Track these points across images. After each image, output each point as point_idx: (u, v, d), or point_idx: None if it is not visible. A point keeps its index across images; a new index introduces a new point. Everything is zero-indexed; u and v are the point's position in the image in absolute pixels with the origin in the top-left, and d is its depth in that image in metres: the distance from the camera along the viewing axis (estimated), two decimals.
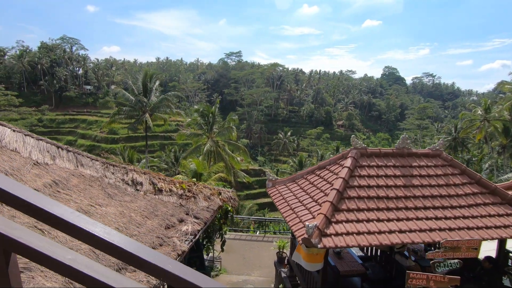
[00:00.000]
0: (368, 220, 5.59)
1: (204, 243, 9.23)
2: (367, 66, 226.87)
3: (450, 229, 5.62)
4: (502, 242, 6.67)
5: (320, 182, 6.71)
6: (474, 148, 49.92)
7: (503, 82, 43.11)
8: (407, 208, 5.92)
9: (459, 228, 5.67)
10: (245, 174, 35.64)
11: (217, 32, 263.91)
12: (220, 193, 7.73)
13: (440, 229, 5.58)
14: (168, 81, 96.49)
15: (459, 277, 4.17)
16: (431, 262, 4.15)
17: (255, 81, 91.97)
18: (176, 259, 4.90)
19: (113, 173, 6.20)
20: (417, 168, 6.73)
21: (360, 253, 8.40)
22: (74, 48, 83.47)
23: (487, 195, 6.46)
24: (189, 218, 6.19)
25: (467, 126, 44.19)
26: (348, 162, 6.47)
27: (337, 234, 5.25)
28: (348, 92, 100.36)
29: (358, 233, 5.33)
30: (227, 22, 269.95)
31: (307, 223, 5.01)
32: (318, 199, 6.10)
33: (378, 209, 5.82)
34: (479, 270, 6.67)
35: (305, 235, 4.99)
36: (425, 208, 5.99)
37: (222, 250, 8.48)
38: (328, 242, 5.10)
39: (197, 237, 5.86)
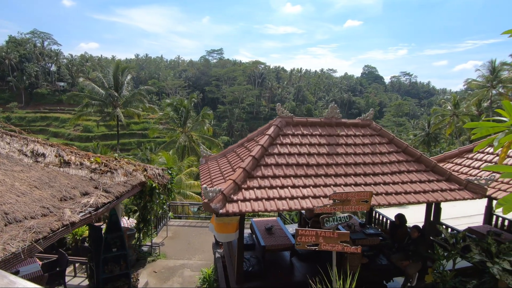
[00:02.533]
0: (282, 187, 5.29)
1: (141, 226, 8.71)
2: (349, 66, 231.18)
3: None
4: (428, 211, 6.54)
5: (245, 152, 6.38)
6: (447, 144, 51.60)
7: (470, 79, 44.70)
8: (327, 175, 5.68)
9: (377, 194, 5.48)
10: None
11: (201, 30, 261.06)
12: (145, 170, 7.26)
13: None
14: (147, 78, 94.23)
15: (348, 232, 3.93)
16: (321, 217, 3.89)
17: (237, 78, 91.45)
18: (59, 229, 4.41)
19: (8, 143, 5.59)
20: (344, 137, 6.52)
21: None
22: (46, 43, 79.90)
23: (412, 163, 6.35)
24: (97, 192, 5.68)
25: (438, 121, 45.56)
26: (270, 130, 6.18)
27: (244, 200, 4.92)
28: (329, 90, 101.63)
29: (268, 199, 5.02)
30: (211, 20, 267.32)
31: (204, 186, 4.65)
32: (236, 168, 5.75)
33: (296, 176, 5.54)
34: (407, 240, 6.56)
35: (205, 200, 4.62)
36: (346, 175, 5.77)
37: (145, 228, 8.02)
38: (232, 207, 4.75)
39: (101, 209, 5.35)
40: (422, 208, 6.66)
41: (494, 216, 8.41)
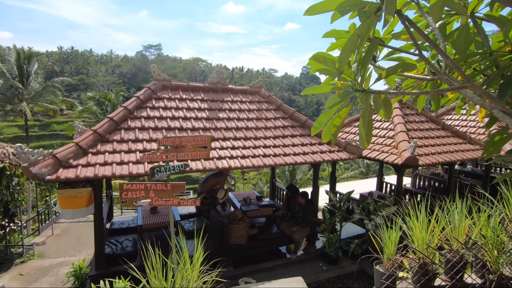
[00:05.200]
0: (144, 151, 4.64)
1: (5, 223, 7.15)
2: (290, 66, 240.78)
3: (243, 157, 5.11)
4: (316, 177, 6.58)
5: None
6: None
7: None
8: None
9: (254, 156, 5.22)
10: None
11: (138, 24, 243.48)
12: None
13: (232, 157, 5.02)
14: (74, 73, 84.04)
15: (183, 182, 3.51)
16: (150, 167, 3.36)
17: (177, 75, 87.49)
18: None
19: None
20: (229, 102, 6.16)
21: (193, 210, 7.59)
22: None
23: (297, 128, 6.30)
24: None
25: None
26: (140, 93, 5.47)
27: (87, 165, 4.13)
28: (270, 88, 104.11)
29: (121, 163, 4.31)
30: (148, 14, 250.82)
31: (18, 144, 3.73)
32: None
33: None
34: (297, 207, 6.50)
35: (24, 164, 3.70)
36: (225, 139, 5.39)
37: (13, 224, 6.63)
38: (67, 173, 3.92)
39: None
40: (358, 182, 6.64)
41: (384, 184, 9.09)
